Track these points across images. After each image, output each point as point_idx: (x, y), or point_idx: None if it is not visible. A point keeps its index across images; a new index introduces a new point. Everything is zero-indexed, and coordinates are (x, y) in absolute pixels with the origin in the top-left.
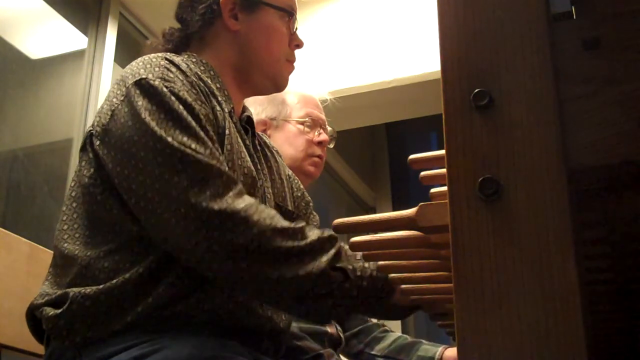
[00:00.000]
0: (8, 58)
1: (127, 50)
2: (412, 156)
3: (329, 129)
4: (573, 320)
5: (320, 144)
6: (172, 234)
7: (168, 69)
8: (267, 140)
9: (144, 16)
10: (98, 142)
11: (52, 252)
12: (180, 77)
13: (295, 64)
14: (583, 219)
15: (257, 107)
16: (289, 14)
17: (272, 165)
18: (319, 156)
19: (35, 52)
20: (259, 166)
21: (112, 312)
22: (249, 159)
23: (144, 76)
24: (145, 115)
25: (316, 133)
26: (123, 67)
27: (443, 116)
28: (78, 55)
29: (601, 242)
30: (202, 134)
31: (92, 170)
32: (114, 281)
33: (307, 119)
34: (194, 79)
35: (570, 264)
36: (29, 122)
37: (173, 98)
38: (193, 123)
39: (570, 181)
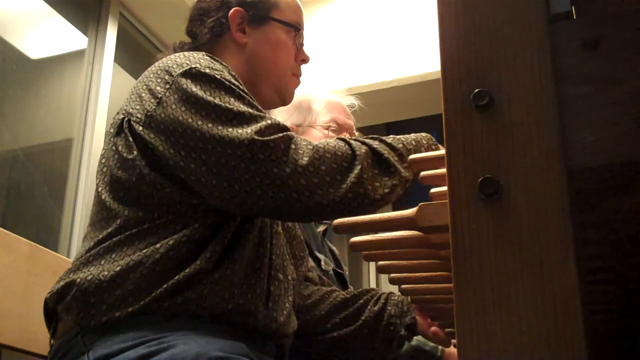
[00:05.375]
0: (8, 58)
1: (127, 50)
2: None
3: (357, 134)
4: (573, 320)
5: None
6: (242, 205)
7: (213, 60)
8: None
9: (144, 16)
10: (141, 128)
11: (51, 252)
12: (226, 70)
13: (301, 79)
14: (583, 219)
15: (284, 114)
16: (296, 29)
17: None
18: None
19: (35, 52)
20: None
21: (141, 283)
22: None
23: (193, 66)
24: (203, 98)
25: None
26: (123, 67)
27: (443, 116)
28: (78, 55)
29: (601, 242)
30: (260, 109)
31: (135, 153)
32: (147, 251)
33: (331, 124)
34: (234, 73)
35: (570, 264)
36: (29, 122)
37: (227, 82)
38: (251, 100)
39: (570, 181)
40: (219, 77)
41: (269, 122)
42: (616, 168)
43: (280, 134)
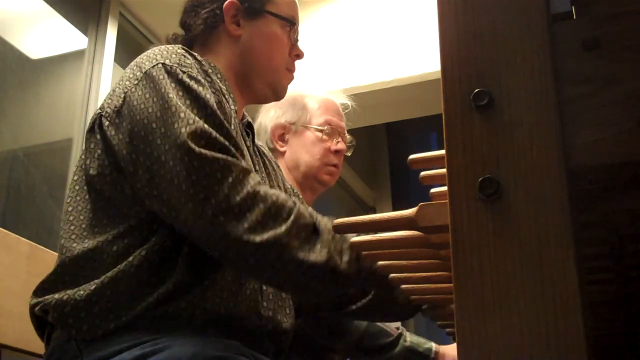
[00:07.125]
0: (8, 58)
1: (127, 50)
2: (412, 156)
3: (348, 137)
4: (573, 320)
5: (337, 152)
6: (183, 222)
7: (185, 57)
8: (265, 151)
9: (144, 16)
10: (107, 123)
11: (51, 252)
12: (196, 66)
13: (294, 74)
14: (583, 219)
15: (278, 110)
16: (291, 23)
17: (271, 173)
18: (335, 165)
19: (35, 52)
20: (256, 167)
21: (120, 299)
22: (249, 157)
23: (161, 61)
24: (163, 98)
25: (334, 141)
26: (123, 67)
27: (443, 116)
28: (78, 55)
29: (601, 242)
30: (218, 116)
31: (99, 151)
32: (121, 266)
33: (326, 127)
34: (209, 70)
35: (570, 264)
36: (29, 122)
37: (191, 82)
38: (210, 103)
39: (570, 181)
40: (183, 75)
41: (214, 135)
42: (616, 168)
43: (220, 155)
